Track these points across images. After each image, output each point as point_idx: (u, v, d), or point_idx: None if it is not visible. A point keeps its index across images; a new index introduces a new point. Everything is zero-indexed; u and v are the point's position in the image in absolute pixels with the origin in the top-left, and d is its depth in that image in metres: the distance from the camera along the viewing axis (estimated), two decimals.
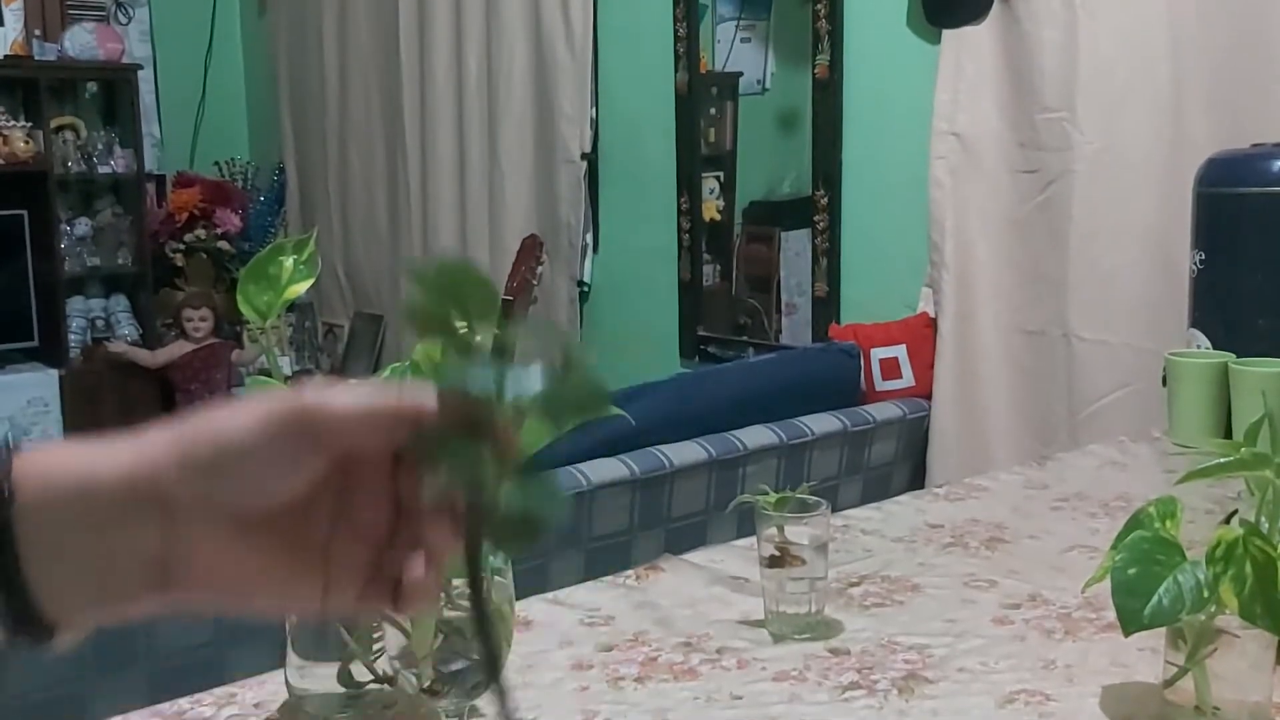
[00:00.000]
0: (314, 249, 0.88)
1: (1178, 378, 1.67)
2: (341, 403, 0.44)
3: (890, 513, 1.39)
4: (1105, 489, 1.47)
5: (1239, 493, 0.89)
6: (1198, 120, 2.08)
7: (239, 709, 0.90)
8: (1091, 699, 0.90)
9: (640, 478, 1.89)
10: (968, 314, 2.47)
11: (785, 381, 2.35)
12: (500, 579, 0.75)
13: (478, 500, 0.44)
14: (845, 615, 1.07)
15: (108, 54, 4.38)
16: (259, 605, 0.50)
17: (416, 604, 0.48)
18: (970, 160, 2.44)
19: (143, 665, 1.35)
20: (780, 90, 2.99)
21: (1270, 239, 1.66)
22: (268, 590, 0.48)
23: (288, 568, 0.47)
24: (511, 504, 0.44)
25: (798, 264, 2.93)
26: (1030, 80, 2.31)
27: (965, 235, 2.46)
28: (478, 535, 0.45)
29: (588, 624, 1.06)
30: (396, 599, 0.48)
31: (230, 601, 0.49)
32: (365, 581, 0.47)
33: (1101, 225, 2.23)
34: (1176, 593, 0.77)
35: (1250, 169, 1.69)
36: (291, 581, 0.47)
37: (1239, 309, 1.69)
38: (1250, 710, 0.81)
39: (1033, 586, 1.13)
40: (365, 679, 0.85)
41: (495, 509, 0.45)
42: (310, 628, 0.86)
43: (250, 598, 0.49)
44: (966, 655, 0.98)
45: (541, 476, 0.45)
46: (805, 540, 1.03)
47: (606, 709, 0.90)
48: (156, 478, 0.45)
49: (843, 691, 0.92)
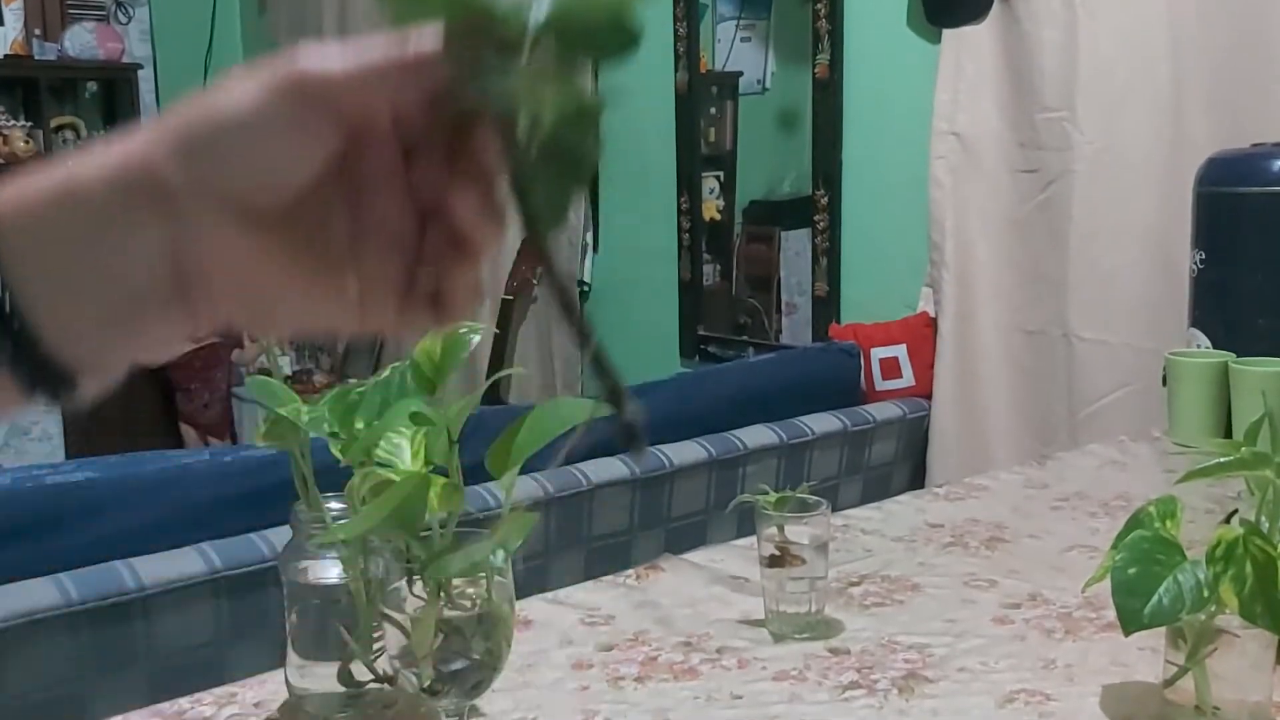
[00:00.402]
0: None
1: (1178, 377, 1.67)
2: (341, 61, 0.40)
3: (890, 512, 1.39)
4: (1105, 489, 1.47)
5: (1239, 492, 0.89)
6: (1198, 120, 2.08)
7: (239, 708, 0.90)
8: (1092, 699, 0.90)
9: (640, 477, 1.89)
10: (968, 314, 2.47)
11: (785, 381, 2.35)
12: (500, 578, 0.75)
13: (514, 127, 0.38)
14: (845, 615, 1.07)
15: (108, 54, 4.38)
16: (291, 319, 0.44)
17: (459, 310, 0.43)
18: (970, 160, 2.44)
19: (143, 665, 1.35)
20: (780, 90, 2.99)
21: (1270, 239, 1.66)
22: (296, 301, 0.43)
23: (313, 274, 0.42)
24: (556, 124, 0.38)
25: (798, 264, 2.93)
26: (1030, 80, 2.31)
27: (965, 235, 2.46)
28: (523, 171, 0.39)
29: (588, 623, 1.06)
30: (438, 310, 0.43)
31: (259, 315, 0.44)
32: (401, 295, 0.42)
33: (1101, 225, 2.23)
34: (1176, 592, 0.78)
35: (1250, 169, 1.69)
36: (320, 290, 0.42)
37: (1239, 309, 1.69)
38: (1250, 710, 0.81)
39: (1033, 586, 1.13)
40: (365, 678, 0.85)
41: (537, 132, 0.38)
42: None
43: (279, 309, 0.43)
44: (966, 655, 0.98)
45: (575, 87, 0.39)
46: (805, 540, 1.03)
47: (607, 708, 0.90)
48: (150, 167, 0.40)
49: (843, 691, 0.92)
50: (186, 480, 1.51)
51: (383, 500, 0.70)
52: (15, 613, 1.27)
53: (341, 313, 0.43)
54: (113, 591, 1.33)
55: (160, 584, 1.36)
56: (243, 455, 1.55)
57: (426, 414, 0.77)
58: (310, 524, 0.85)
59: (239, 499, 1.49)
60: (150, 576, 1.36)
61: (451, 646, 0.74)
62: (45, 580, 1.32)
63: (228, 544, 1.44)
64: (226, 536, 1.45)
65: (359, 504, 0.75)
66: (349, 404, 0.82)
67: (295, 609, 0.88)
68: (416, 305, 0.42)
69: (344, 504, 0.84)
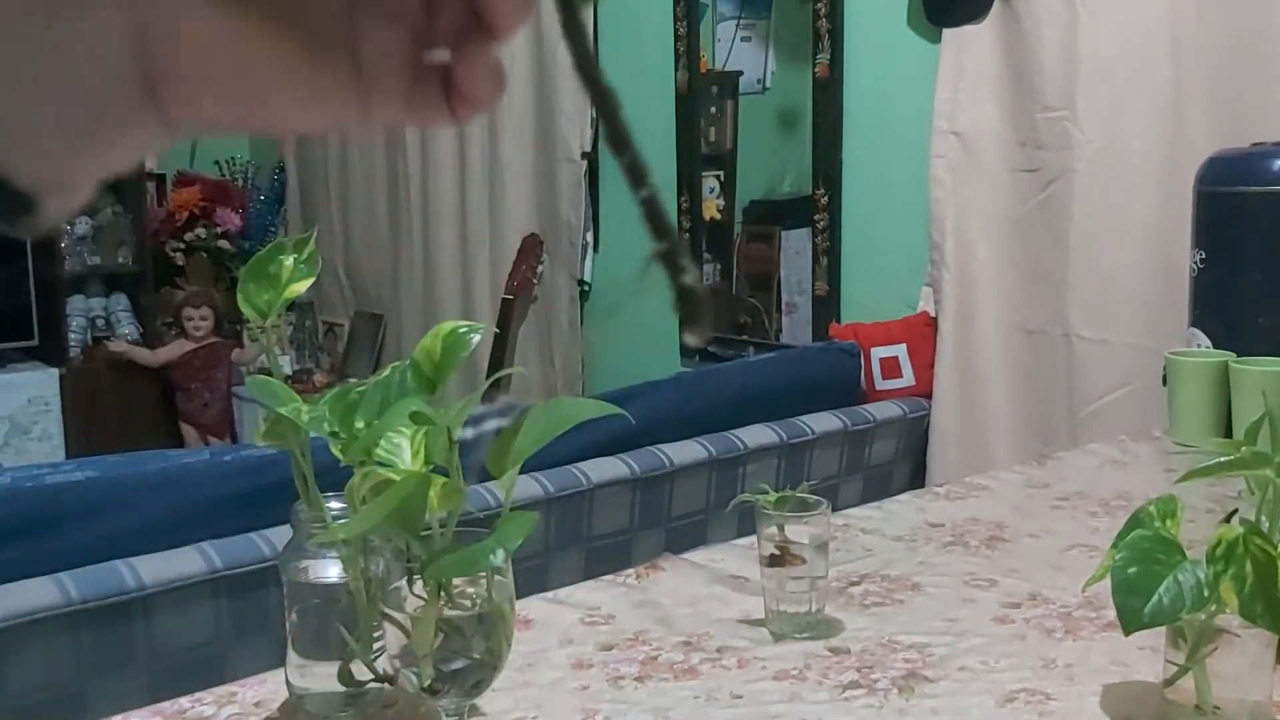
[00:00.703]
0: (314, 248, 0.88)
1: (1178, 377, 1.67)
2: None
3: (890, 512, 1.39)
4: (1105, 488, 1.47)
5: (1239, 492, 0.89)
6: (1198, 119, 2.08)
7: (239, 708, 0.90)
8: (1092, 698, 0.90)
9: (640, 477, 1.89)
10: (968, 313, 2.47)
11: (785, 380, 2.35)
12: (500, 578, 0.75)
13: None
14: (845, 614, 1.07)
15: None
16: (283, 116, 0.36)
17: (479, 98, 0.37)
18: (970, 159, 2.44)
19: (143, 665, 1.35)
20: (780, 89, 2.99)
21: (1271, 238, 1.66)
22: (288, 93, 0.35)
23: (305, 58, 0.35)
24: None
25: (798, 263, 2.93)
26: (1031, 79, 2.31)
27: (965, 234, 2.46)
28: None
29: (588, 623, 1.06)
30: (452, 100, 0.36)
31: (243, 110, 0.36)
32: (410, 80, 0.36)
33: (1102, 224, 2.23)
34: (1177, 592, 0.77)
35: (1250, 168, 1.69)
36: (315, 79, 0.35)
37: (1239, 308, 1.69)
38: (1250, 709, 0.81)
39: (1033, 585, 1.13)
40: (365, 678, 0.85)
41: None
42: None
43: (269, 105, 0.36)
44: (967, 654, 0.98)
45: None
46: (805, 539, 1.03)
47: (607, 708, 0.90)
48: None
49: (843, 690, 0.92)
50: (186, 480, 1.51)
51: (383, 500, 0.70)
52: (15, 613, 1.27)
53: (339, 102, 0.36)
54: (113, 591, 1.33)
55: (160, 583, 1.36)
56: (243, 455, 1.55)
57: (426, 414, 0.77)
58: (310, 523, 0.85)
59: (239, 499, 1.49)
60: (150, 576, 1.36)
61: (451, 646, 0.74)
62: (45, 580, 1.32)
63: (228, 544, 1.44)
64: (226, 536, 1.45)
65: (359, 503, 0.75)
66: (349, 403, 0.82)
67: (295, 608, 0.88)
68: (428, 91, 0.36)
69: (344, 503, 0.84)
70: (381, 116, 0.36)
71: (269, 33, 0.34)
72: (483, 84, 0.36)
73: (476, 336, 0.80)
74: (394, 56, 0.35)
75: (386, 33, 0.35)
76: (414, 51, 0.36)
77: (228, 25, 0.34)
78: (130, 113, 0.34)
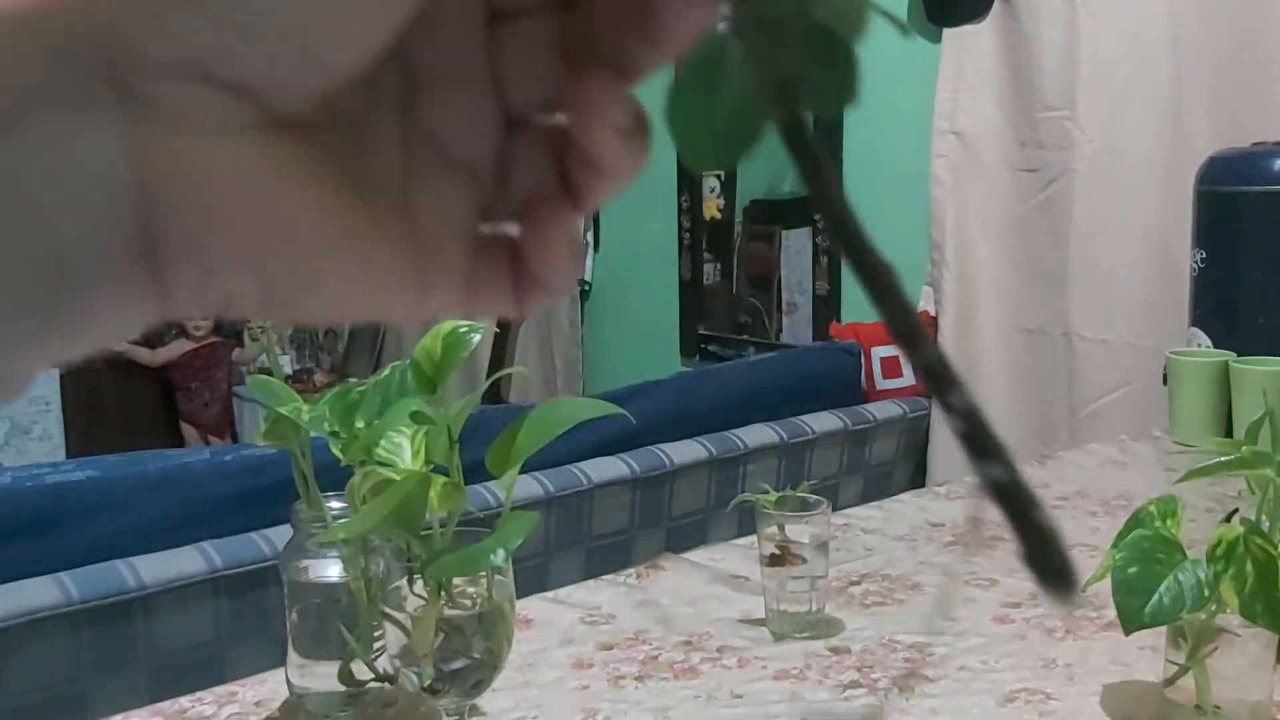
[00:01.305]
0: None
1: (1178, 376, 1.67)
2: None
3: (891, 511, 1.39)
4: (1106, 488, 1.47)
5: (1240, 491, 0.89)
6: (1198, 119, 2.08)
7: (239, 708, 0.90)
8: (1092, 698, 0.90)
9: (641, 476, 1.89)
10: (968, 313, 2.47)
11: (786, 380, 2.35)
12: (500, 577, 0.75)
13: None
14: (846, 614, 1.07)
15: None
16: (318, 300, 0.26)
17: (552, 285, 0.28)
18: (971, 159, 2.44)
19: (143, 665, 1.35)
20: None
21: (1271, 238, 1.66)
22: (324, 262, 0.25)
23: (347, 216, 0.25)
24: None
25: (798, 262, 2.93)
26: (1031, 79, 2.31)
27: (966, 234, 2.46)
28: None
29: (588, 623, 1.06)
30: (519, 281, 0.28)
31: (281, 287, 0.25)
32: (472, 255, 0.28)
33: (1102, 224, 2.23)
34: (1177, 591, 0.77)
35: (1251, 168, 1.69)
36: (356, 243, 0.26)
37: (1239, 308, 1.69)
38: (1251, 709, 0.81)
39: (1033, 585, 1.13)
40: (366, 677, 0.85)
41: None
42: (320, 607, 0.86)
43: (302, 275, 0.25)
44: (967, 654, 0.98)
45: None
46: (806, 539, 1.03)
47: (607, 708, 0.90)
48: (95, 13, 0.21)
49: (843, 690, 0.92)
50: (186, 480, 1.51)
51: (383, 499, 0.70)
52: (15, 612, 1.27)
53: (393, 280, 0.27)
54: (113, 591, 1.33)
55: (160, 583, 1.36)
56: (243, 454, 1.55)
57: (426, 413, 0.77)
58: (311, 523, 0.85)
59: (239, 498, 1.49)
60: (150, 576, 1.36)
61: (452, 645, 0.74)
62: (45, 580, 1.32)
63: (228, 543, 1.44)
64: (227, 536, 1.45)
65: (359, 503, 0.75)
66: (349, 403, 0.82)
67: (296, 608, 0.88)
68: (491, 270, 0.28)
69: (344, 503, 0.84)
70: (440, 302, 0.28)
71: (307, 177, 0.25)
72: (560, 264, 0.28)
73: (476, 336, 0.80)
74: (456, 224, 0.27)
75: (449, 194, 0.27)
76: (478, 220, 0.28)
77: (260, 161, 0.24)
78: (115, 283, 0.23)
